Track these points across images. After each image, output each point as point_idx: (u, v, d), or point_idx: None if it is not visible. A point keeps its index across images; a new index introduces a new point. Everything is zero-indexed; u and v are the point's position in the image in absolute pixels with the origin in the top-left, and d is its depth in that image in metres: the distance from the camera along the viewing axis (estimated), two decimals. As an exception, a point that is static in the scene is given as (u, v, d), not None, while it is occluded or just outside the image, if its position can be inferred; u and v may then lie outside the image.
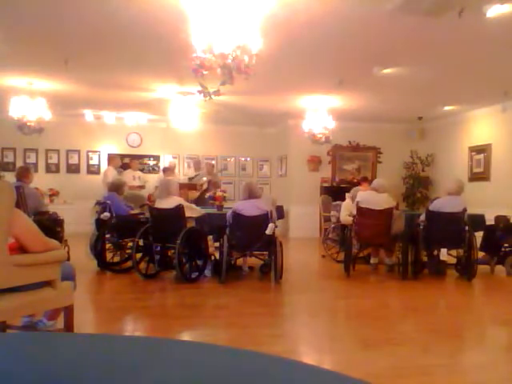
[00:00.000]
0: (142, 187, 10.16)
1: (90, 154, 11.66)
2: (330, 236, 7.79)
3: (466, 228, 5.98)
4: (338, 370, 0.88)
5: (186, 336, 3.91)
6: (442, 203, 6.15)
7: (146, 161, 11.91)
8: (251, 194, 5.82)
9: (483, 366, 3.21)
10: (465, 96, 8.73)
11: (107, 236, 6.41)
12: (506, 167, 9.01)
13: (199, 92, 5.72)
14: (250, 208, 5.67)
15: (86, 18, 5.02)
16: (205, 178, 9.66)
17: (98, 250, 6.40)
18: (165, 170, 10.46)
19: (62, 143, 11.32)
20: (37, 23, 5.24)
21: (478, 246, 6.28)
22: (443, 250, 6.02)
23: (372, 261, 6.82)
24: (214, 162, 11.88)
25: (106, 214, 6.30)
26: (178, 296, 5.27)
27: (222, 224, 5.82)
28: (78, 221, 8.85)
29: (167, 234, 5.71)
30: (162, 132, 11.22)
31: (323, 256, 7.85)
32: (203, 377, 0.80)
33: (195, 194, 8.92)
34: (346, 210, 6.78)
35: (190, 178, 10.28)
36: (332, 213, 7.93)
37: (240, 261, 6.39)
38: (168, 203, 5.80)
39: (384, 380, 2.82)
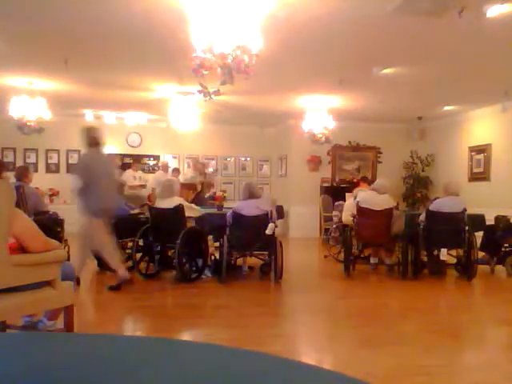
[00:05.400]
0: (142, 186, 10.13)
1: (90, 154, 11.63)
2: (332, 235, 7.77)
3: (466, 228, 5.98)
4: (338, 369, 0.88)
5: (186, 336, 3.91)
6: (442, 203, 6.15)
7: (145, 161, 11.91)
8: (251, 194, 5.82)
9: (483, 365, 3.21)
10: (465, 96, 8.72)
11: (107, 236, 6.40)
12: (506, 167, 9.01)
13: (199, 92, 5.72)
14: (250, 208, 5.67)
15: (85, 18, 5.02)
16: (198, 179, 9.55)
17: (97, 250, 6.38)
18: (173, 170, 10.46)
19: (62, 143, 11.31)
20: (37, 23, 5.24)
21: (478, 245, 6.28)
22: (443, 250, 6.02)
23: (372, 261, 6.81)
24: (213, 161, 11.84)
25: (106, 214, 6.29)
26: (178, 296, 5.26)
27: (222, 224, 5.82)
28: (78, 221, 8.82)
29: (167, 234, 5.71)
30: (162, 132, 11.21)
31: (325, 256, 7.83)
32: (203, 376, 0.80)
33: (191, 195, 8.86)
34: (348, 210, 6.77)
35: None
36: (334, 213, 7.92)
37: (240, 261, 6.38)
38: (168, 203, 5.80)
39: (384, 380, 2.82)
